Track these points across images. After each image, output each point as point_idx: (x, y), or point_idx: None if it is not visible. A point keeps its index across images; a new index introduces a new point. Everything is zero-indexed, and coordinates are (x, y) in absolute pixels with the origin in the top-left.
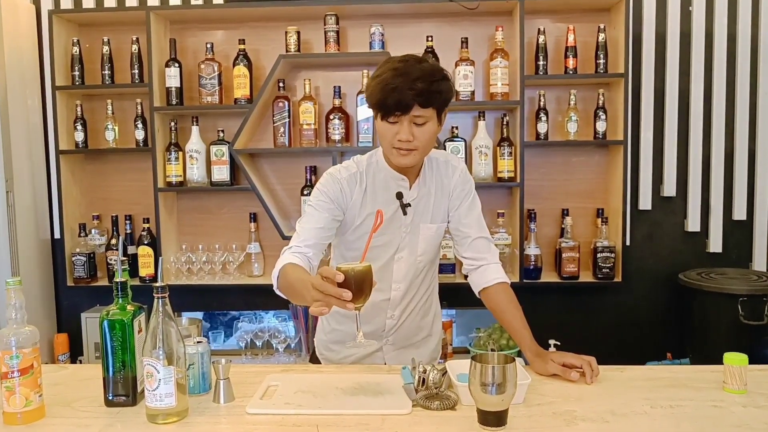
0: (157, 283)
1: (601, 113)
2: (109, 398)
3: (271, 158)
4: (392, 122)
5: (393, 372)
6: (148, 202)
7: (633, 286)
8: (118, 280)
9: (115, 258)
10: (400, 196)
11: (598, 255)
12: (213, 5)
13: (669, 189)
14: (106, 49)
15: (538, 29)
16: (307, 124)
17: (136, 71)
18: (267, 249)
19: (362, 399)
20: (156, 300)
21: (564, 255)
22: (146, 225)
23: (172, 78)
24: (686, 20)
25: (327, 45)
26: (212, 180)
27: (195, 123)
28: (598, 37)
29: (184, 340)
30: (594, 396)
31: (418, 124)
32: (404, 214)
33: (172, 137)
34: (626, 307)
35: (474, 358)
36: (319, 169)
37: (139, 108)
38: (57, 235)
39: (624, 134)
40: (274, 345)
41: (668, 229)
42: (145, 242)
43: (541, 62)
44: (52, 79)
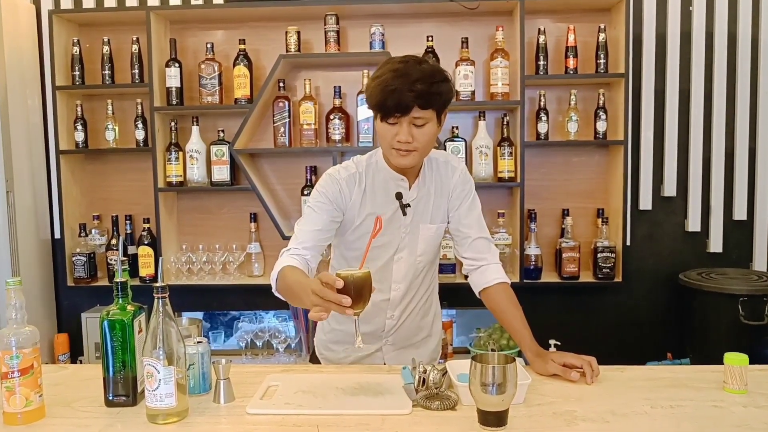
0: (157, 283)
1: (601, 113)
2: (110, 398)
3: (272, 158)
4: (392, 123)
5: (393, 372)
6: (148, 202)
7: (633, 286)
8: (118, 280)
9: (116, 258)
10: (399, 196)
11: (599, 255)
12: (213, 5)
13: (669, 189)
14: (106, 49)
15: (539, 29)
16: (308, 124)
17: (137, 71)
18: (267, 249)
19: (362, 399)
20: (156, 300)
21: (564, 255)
22: (146, 225)
23: (173, 78)
24: (686, 20)
25: (327, 45)
26: (212, 180)
27: (195, 123)
28: (598, 37)
29: (184, 340)
30: (594, 396)
31: (418, 125)
32: (404, 215)
33: (173, 137)
34: (626, 307)
35: (474, 358)
36: (319, 169)
37: (140, 108)
38: (57, 235)
39: (624, 134)
40: (275, 345)
41: (668, 229)
42: (146, 242)
43: (541, 62)
44: (53, 79)
